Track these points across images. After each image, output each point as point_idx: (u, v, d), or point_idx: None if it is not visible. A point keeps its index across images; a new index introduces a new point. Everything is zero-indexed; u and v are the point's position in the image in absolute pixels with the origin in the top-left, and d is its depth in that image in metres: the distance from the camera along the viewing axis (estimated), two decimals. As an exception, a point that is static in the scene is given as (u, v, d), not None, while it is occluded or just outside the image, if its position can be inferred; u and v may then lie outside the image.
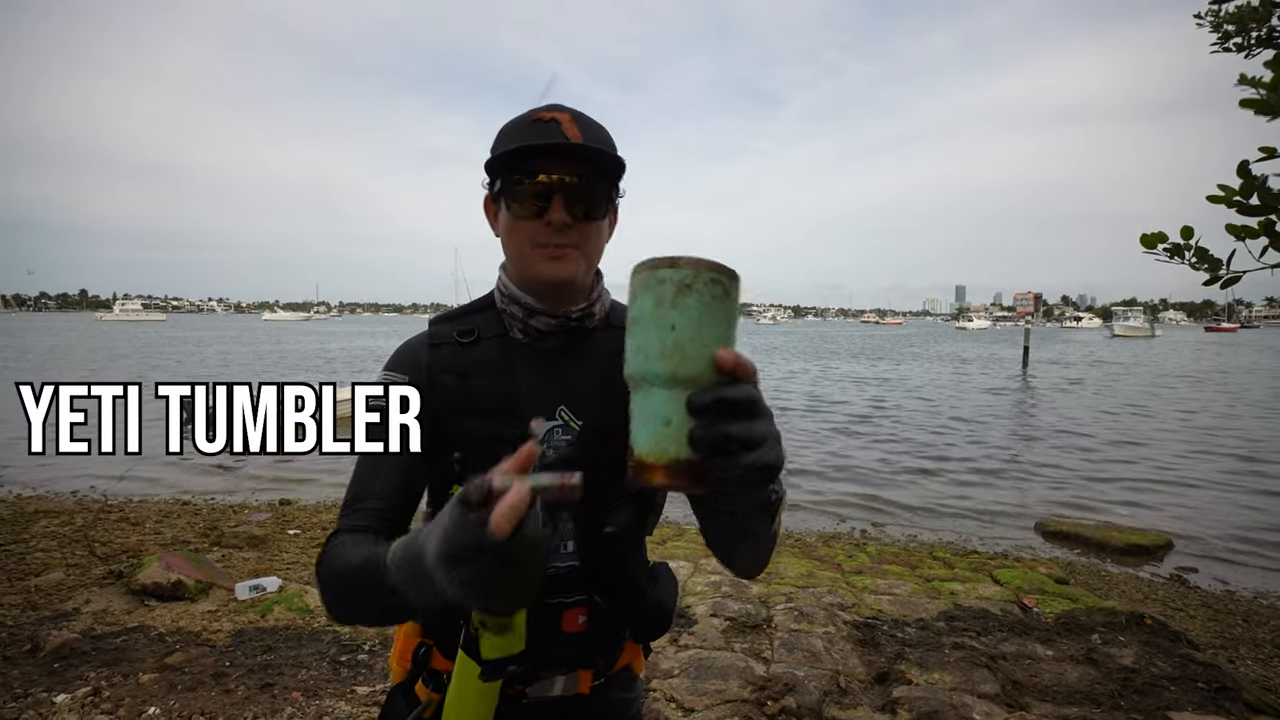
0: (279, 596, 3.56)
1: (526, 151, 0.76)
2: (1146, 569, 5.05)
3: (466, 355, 0.82)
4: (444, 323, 0.86)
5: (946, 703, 2.48)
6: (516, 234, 0.80)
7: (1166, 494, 7.32)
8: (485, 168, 0.81)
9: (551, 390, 0.83)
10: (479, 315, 0.86)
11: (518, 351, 0.83)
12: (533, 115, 0.79)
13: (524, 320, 0.82)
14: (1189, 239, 1.74)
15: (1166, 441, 10.38)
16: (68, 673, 2.58)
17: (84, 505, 5.83)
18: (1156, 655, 2.88)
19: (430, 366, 0.82)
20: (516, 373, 0.82)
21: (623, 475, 0.79)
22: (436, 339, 0.84)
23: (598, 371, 0.83)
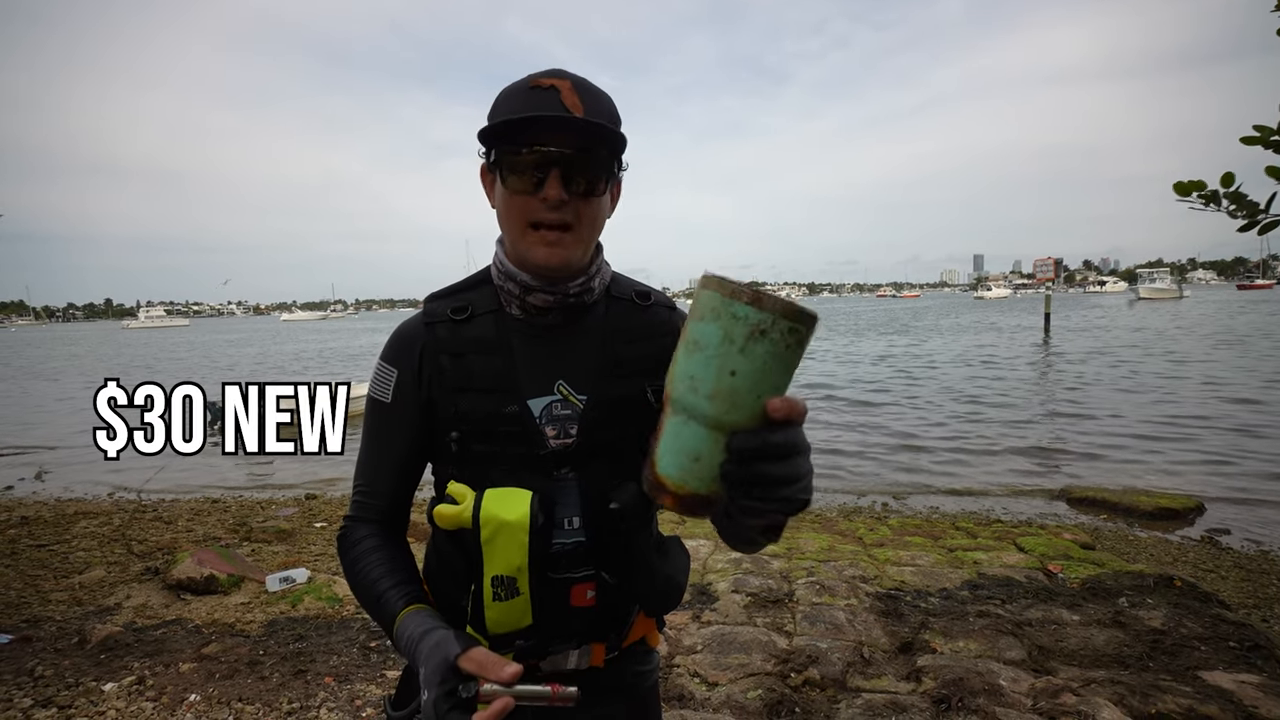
0: (308, 587, 3.65)
1: (523, 121, 0.73)
2: (1177, 532, 4.96)
3: (461, 333, 0.81)
4: (439, 300, 0.85)
5: (972, 670, 2.47)
6: (512, 209, 0.77)
7: (1195, 457, 7.16)
8: (479, 136, 0.78)
9: (550, 365, 0.81)
10: (474, 291, 0.84)
11: (514, 327, 0.82)
12: (531, 81, 0.76)
13: (520, 296, 0.80)
14: (1229, 185, 1.68)
15: (1193, 404, 10.13)
16: (113, 663, 2.68)
17: (120, 506, 6.02)
18: (1186, 616, 2.84)
19: (425, 348, 0.81)
20: (512, 348, 0.81)
21: (627, 452, 0.79)
22: (431, 317, 0.83)
23: (598, 346, 0.82)
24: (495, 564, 0.73)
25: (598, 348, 0.83)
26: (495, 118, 0.76)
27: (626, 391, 0.82)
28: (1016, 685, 2.36)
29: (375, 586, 0.78)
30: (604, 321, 0.85)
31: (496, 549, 0.73)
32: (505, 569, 0.73)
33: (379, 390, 0.83)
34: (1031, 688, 2.34)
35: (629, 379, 0.82)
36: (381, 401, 0.83)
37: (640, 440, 0.80)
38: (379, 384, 0.83)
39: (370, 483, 0.84)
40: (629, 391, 0.82)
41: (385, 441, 0.84)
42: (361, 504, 0.84)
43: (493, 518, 0.72)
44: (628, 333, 0.85)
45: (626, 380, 0.82)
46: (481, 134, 0.77)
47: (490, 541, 0.73)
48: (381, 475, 0.84)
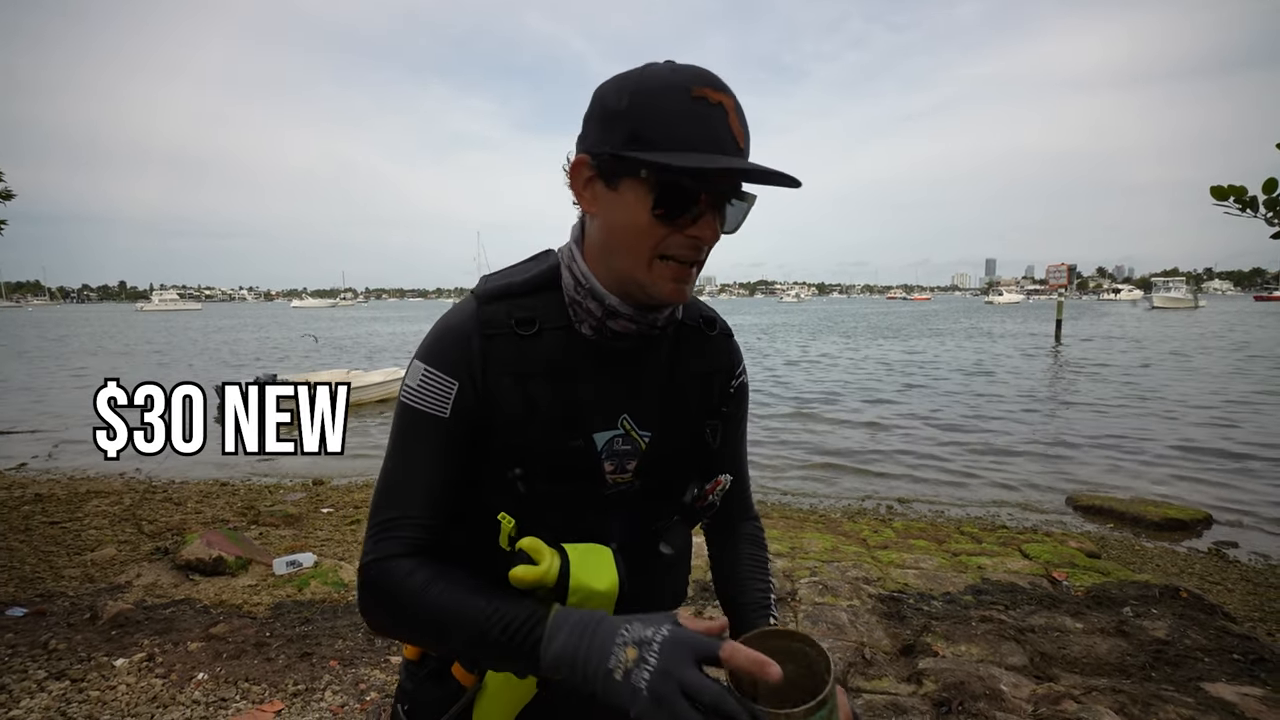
0: (315, 571, 3.69)
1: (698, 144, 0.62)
2: (1183, 544, 4.92)
3: (527, 350, 0.70)
4: (498, 302, 0.72)
5: (973, 674, 2.47)
6: (641, 234, 0.66)
7: (1204, 469, 7.10)
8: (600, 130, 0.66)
9: (616, 396, 0.74)
10: (539, 298, 0.73)
11: (582, 348, 0.72)
12: (695, 90, 0.63)
13: (599, 319, 0.71)
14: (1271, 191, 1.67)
15: (1204, 416, 10.03)
16: (124, 639, 2.73)
17: (130, 486, 6.10)
18: (1191, 627, 2.82)
19: (484, 361, 0.69)
20: (581, 374, 0.72)
21: (677, 488, 0.78)
22: (491, 327, 0.70)
23: (665, 378, 0.77)
24: None
25: (665, 380, 0.77)
26: (650, 122, 0.63)
27: (689, 429, 0.79)
28: (1018, 691, 2.36)
29: (479, 606, 0.62)
30: (672, 351, 0.78)
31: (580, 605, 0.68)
32: None
33: (431, 402, 0.69)
34: (1033, 694, 2.34)
35: (693, 417, 0.79)
36: (437, 416, 0.69)
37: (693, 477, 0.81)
38: (431, 394, 0.69)
39: (414, 509, 0.68)
40: (691, 430, 0.79)
41: (437, 463, 0.69)
42: (401, 537, 0.67)
43: (583, 586, 0.65)
44: (694, 364, 0.79)
45: (690, 418, 0.79)
46: (616, 135, 0.64)
47: (574, 601, 0.67)
48: (431, 501, 0.69)
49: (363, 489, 6.22)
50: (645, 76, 0.65)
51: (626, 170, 0.65)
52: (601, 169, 0.66)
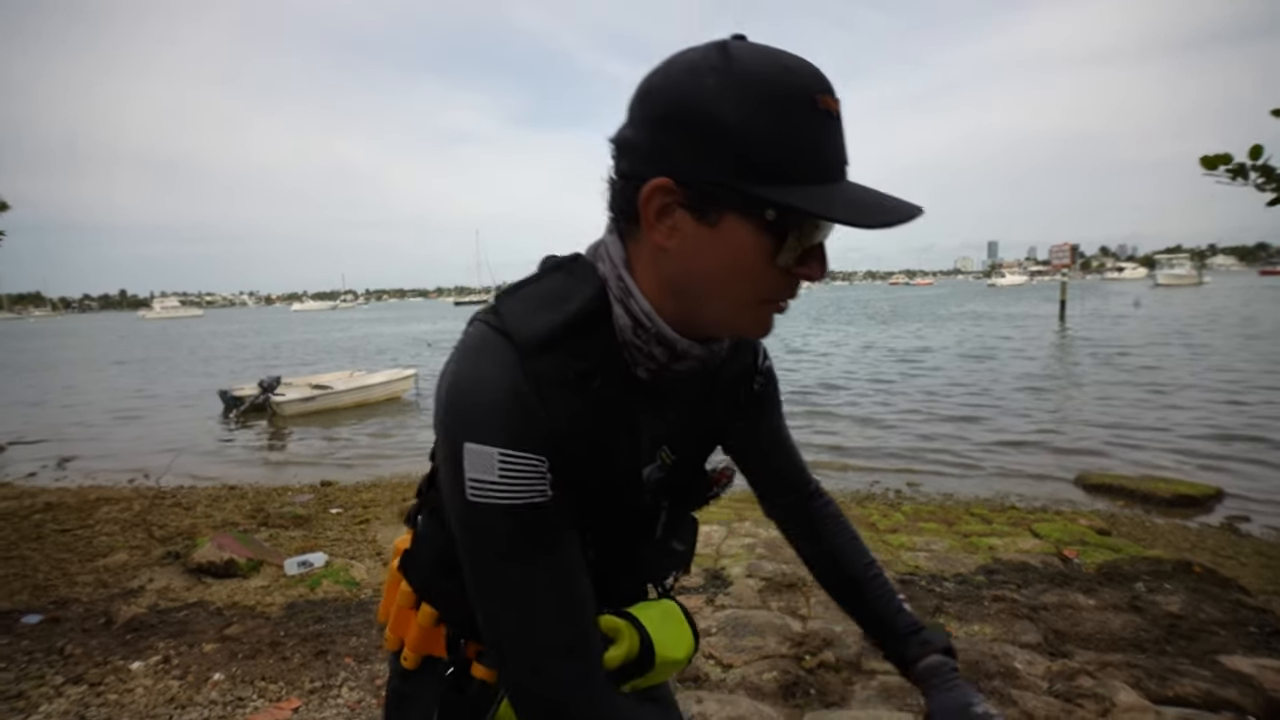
0: (326, 571, 3.71)
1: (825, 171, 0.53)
2: (1195, 519, 4.90)
3: (584, 408, 0.59)
4: (547, 354, 0.57)
5: (988, 653, 2.47)
6: (746, 279, 0.55)
7: (1215, 445, 7.06)
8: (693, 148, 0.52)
9: (659, 428, 0.69)
10: (590, 340, 0.60)
11: (635, 393, 0.64)
12: (821, 99, 0.52)
13: (663, 363, 0.62)
14: (1257, 158, 1.65)
15: (1212, 392, 9.98)
16: (139, 643, 2.75)
17: (140, 493, 6.13)
18: (1205, 601, 2.81)
19: (552, 424, 0.57)
20: (636, 418, 0.65)
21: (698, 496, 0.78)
22: (546, 386, 0.57)
23: (700, 408, 0.73)
24: (647, 682, 0.68)
25: (698, 409, 0.72)
26: (772, 145, 0.51)
27: (709, 442, 0.77)
28: (1032, 668, 2.36)
29: None
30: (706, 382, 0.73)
31: (657, 675, 0.68)
32: (653, 683, 0.69)
33: (525, 489, 0.55)
34: (1047, 670, 2.34)
35: (715, 430, 0.77)
36: (539, 504, 0.56)
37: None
38: (522, 481, 0.55)
39: (575, 613, 0.58)
40: (710, 441, 0.78)
41: (566, 558, 0.59)
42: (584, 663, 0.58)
43: (667, 660, 0.66)
44: (724, 385, 0.74)
45: (712, 432, 0.77)
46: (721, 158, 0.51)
47: (656, 673, 0.67)
48: (584, 603, 0.59)
49: (370, 489, 6.24)
50: (756, 79, 0.51)
51: (735, 205, 0.52)
52: (693, 199, 0.53)
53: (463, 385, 0.56)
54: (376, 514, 5.19)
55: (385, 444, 8.91)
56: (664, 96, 0.54)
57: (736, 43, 0.53)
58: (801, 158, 0.52)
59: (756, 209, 0.52)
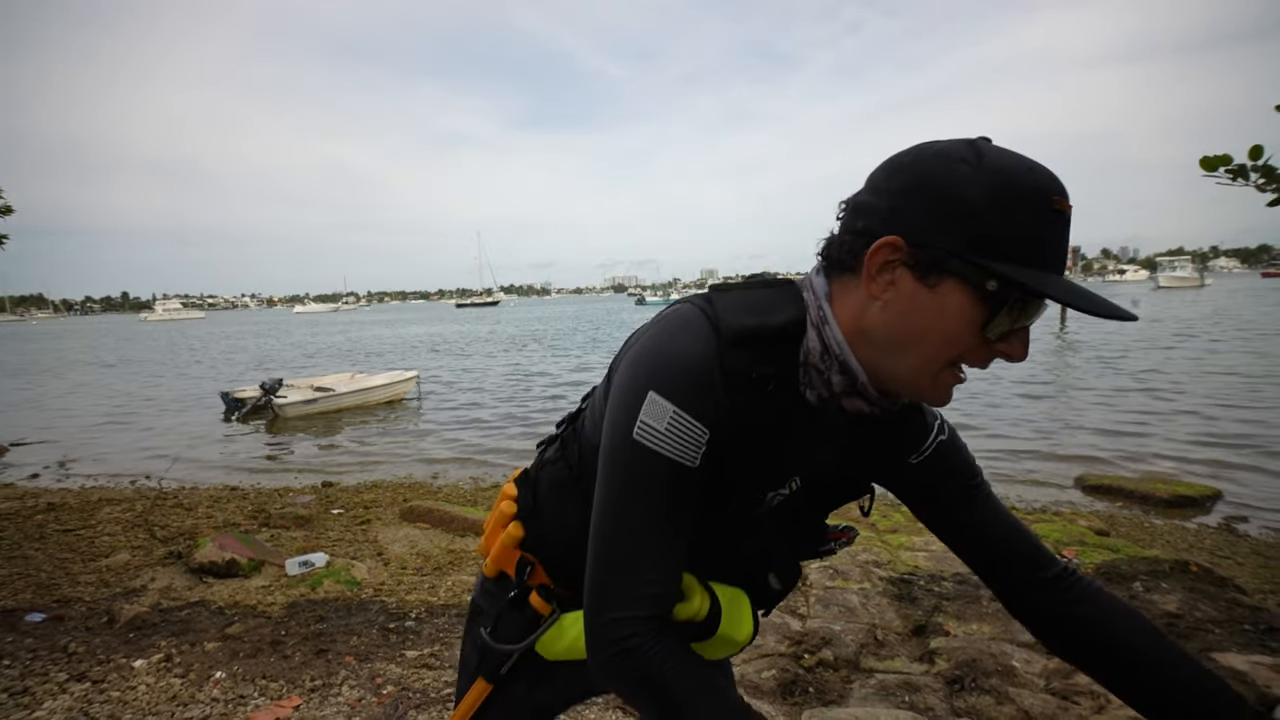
0: (327, 571, 3.73)
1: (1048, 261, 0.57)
2: (1193, 520, 4.91)
3: (754, 409, 0.65)
4: (742, 349, 0.64)
5: (985, 651, 2.48)
6: (949, 343, 0.59)
7: (1215, 446, 7.07)
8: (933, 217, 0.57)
9: (800, 459, 0.71)
10: (780, 350, 0.65)
11: (796, 410, 0.67)
12: (1056, 198, 0.57)
13: (836, 393, 0.66)
14: (1258, 158, 1.66)
15: (1213, 394, 9.98)
16: (142, 641, 2.77)
17: (141, 493, 6.15)
18: (1201, 600, 2.82)
19: (727, 413, 0.64)
20: (786, 440, 0.69)
21: (810, 543, 0.79)
22: (733, 376, 0.63)
23: (845, 450, 0.73)
24: (703, 651, 0.73)
25: (844, 451, 0.73)
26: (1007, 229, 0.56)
27: (839, 493, 0.78)
28: (1029, 666, 2.37)
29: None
30: (864, 428, 0.72)
31: (712, 648, 0.73)
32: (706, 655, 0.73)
33: (681, 449, 0.62)
34: (1044, 668, 2.35)
35: (850, 486, 0.78)
36: (686, 466, 0.63)
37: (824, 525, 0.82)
38: (682, 441, 0.62)
39: (667, 566, 0.64)
40: (841, 493, 0.78)
41: (687, 513, 0.65)
42: (651, 598, 0.63)
43: (727, 636, 0.72)
44: (877, 435, 0.73)
45: (847, 487, 0.78)
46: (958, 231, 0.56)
47: (711, 645, 0.73)
48: (680, 554, 0.65)
49: (371, 489, 6.26)
50: (1002, 171, 0.57)
51: (957, 272, 0.57)
52: (919, 260, 0.58)
53: (666, 345, 0.64)
54: (378, 514, 5.20)
55: (387, 446, 8.93)
56: (914, 171, 0.60)
57: (985, 142, 0.60)
58: (1029, 244, 0.57)
59: (979, 278, 0.57)
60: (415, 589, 3.54)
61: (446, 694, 2.30)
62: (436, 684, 2.38)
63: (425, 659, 2.61)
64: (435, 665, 2.55)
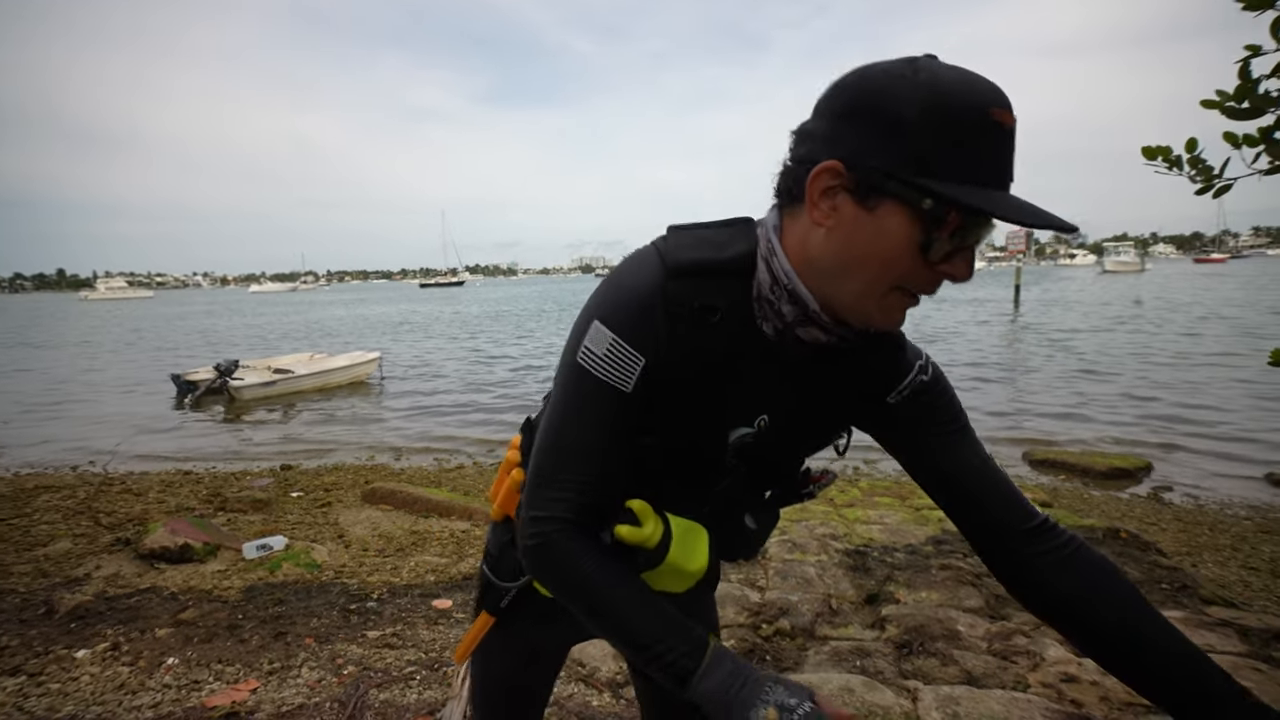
0: (286, 554, 3.65)
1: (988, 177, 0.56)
2: (1126, 490, 5.23)
3: (701, 339, 0.66)
4: (686, 279, 0.66)
5: (933, 617, 2.61)
6: (890, 265, 0.59)
7: (1148, 420, 7.50)
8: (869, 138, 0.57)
9: (764, 395, 0.71)
10: (727, 282, 0.67)
11: (753, 346, 0.68)
12: (995, 109, 0.55)
13: (788, 324, 0.66)
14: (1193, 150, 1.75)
15: (1149, 370, 10.56)
16: (85, 631, 2.67)
17: (84, 479, 5.88)
18: (1128, 563, 3.03)
19: (667, 342, 0.66)
20: (742, 373, 0.69)
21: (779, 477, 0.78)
22: (675, 305, 0.65)
23: (817, 389, 0.72)
24: (655, 582, 0.73)
25: (814, 385, 0.72)
26: (942, 144, 0.55)
27: (812, 431, 0.77)
28: (973, 630, 2.50)
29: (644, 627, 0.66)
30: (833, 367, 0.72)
31: (663, 578, 0.73)
32: (657, 587, 0.73)
33: (616, 374, 0.65)
34: (987, 632, 2.49)
35: (825, 426, 0.76)
36: (618, 389, 0.66)
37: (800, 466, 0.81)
38: (617, 366, 0.65)
39: (589, 476, 0.68)
40: (815, 431, 0.77)
41: (614, 432, 0.68)
42: (570, 501, 0.68)
43: (675, 565, 0.71)
44: (850, 372, 0.72)
45: (822, 427, 0.76)
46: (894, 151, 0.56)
47: (661, 574, 0.72)
48: (602, 468, 0.68)
49: (332, 472, 6.13)
50: (936, 84, 0.55)
51: (895, 194, 0.56)
52: (858, 184, 0.58)
53: (616, 280, 0.68)
54: (339, 497, 5.11)
55: (348, 428, 8.73)
56: (852, 92, 0.59)
57: (927, 59, 0.58)
58: (966, 160, 0.55)
59: (915, 198, 0.56)
60: (377, 570, 3.51)
61: (409, 673, 2.29)
62: (399, 663, 2.37)
63: (387, 639, 2.59)
64: (397, 645, 2.54)
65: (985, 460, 0.73)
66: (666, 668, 0.64)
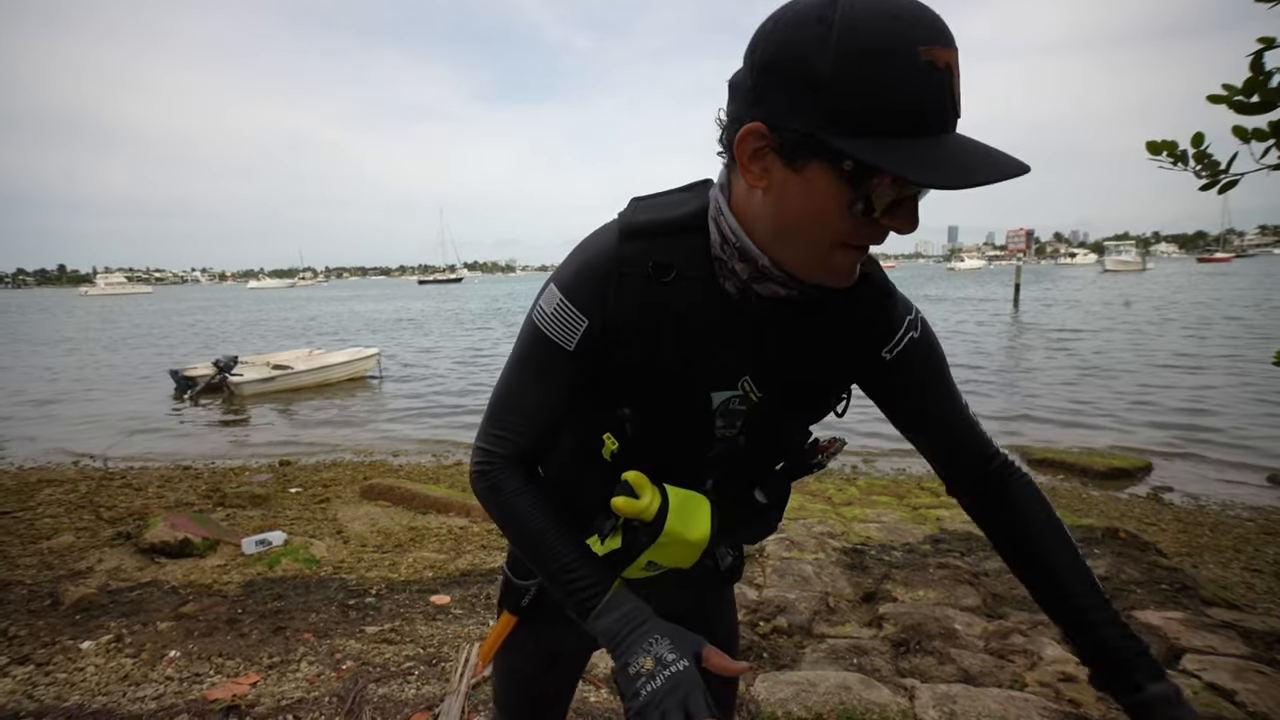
0: (285, 549, 3.67)
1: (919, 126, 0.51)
2: (1126, 490, 5.24)
3: (659, 298, 0.67)
4: (639, 240, 0.67)
5: (930, 616, 2.61)
6: (827, 225, 0.58)
7: (1148, 421, 7.50)
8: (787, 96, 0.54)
9: (742, 355, 0.70)
10: (680, 240, 0.67)
11: (718, 304, 0.68)
12: (925, 47, 0.50)
13: (745, 280, 0.66)
14: (1199, 145, 1.74)
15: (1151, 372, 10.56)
16: (89, 623, 2.69)
17: (85, 474, 5.90)
18: (1128, 564, 3.03)
19: (617, 302, 0.67)
20: (711, 331, 0.68)
21: (784, 449, 0.79)
22: (628, 265, 0.67)
23: (795, 342, 0.71)
24: (660, 557, 0.71)
25: (794, 341, 0.71)
26: (862, 97, 0.51)
27: (807, 396, 0.75)
28: (970, 629, 2.51)
29: (557, 552, 0.70)
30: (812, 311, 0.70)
31: (667, 551, 0.71)
32: (667, 564, 0.72)
33: (560, 333, 0.68)
34: (984, 631, 2.50)
35: (818, 386, 0.75)
36: (561, 346, 0.68)
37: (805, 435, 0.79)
38: (561, 325, 0.68)
39: (525, 425, 0.72)
40: (810, 396, 0.75)
41: (553, 386, 0.70)
42: (509, 440, 0.72)
43: (674, 533, 0.68)
44: (834, 328, 0.71)
45: (815, 387, 0.74)
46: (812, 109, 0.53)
47: (663, 547, 0.70)
48: (540, 421, 0.72)
49: (330, 468, 6.15)
50: (855, 31, 0.50)
51: (820, 154, 0.54)
52: (783, 146, 0.55)
53: (577, 249, 0.71)
54: (337, 493, 5.12)
55: (347, 424, 8.75)
56: (768, 43, 0.55)
57: None
58: (891, 111, 0.51)
59: (837, 160, 0.54)
60: (375, 566, 3.52)
61: (407, 668, 2.31)
62: (397, 658, 2.39)
63: (385, 634, 2.61)
64: (395, 640, 2.55)
65: (963, 406, 0.78)
66: (571, 595, 0.68)
